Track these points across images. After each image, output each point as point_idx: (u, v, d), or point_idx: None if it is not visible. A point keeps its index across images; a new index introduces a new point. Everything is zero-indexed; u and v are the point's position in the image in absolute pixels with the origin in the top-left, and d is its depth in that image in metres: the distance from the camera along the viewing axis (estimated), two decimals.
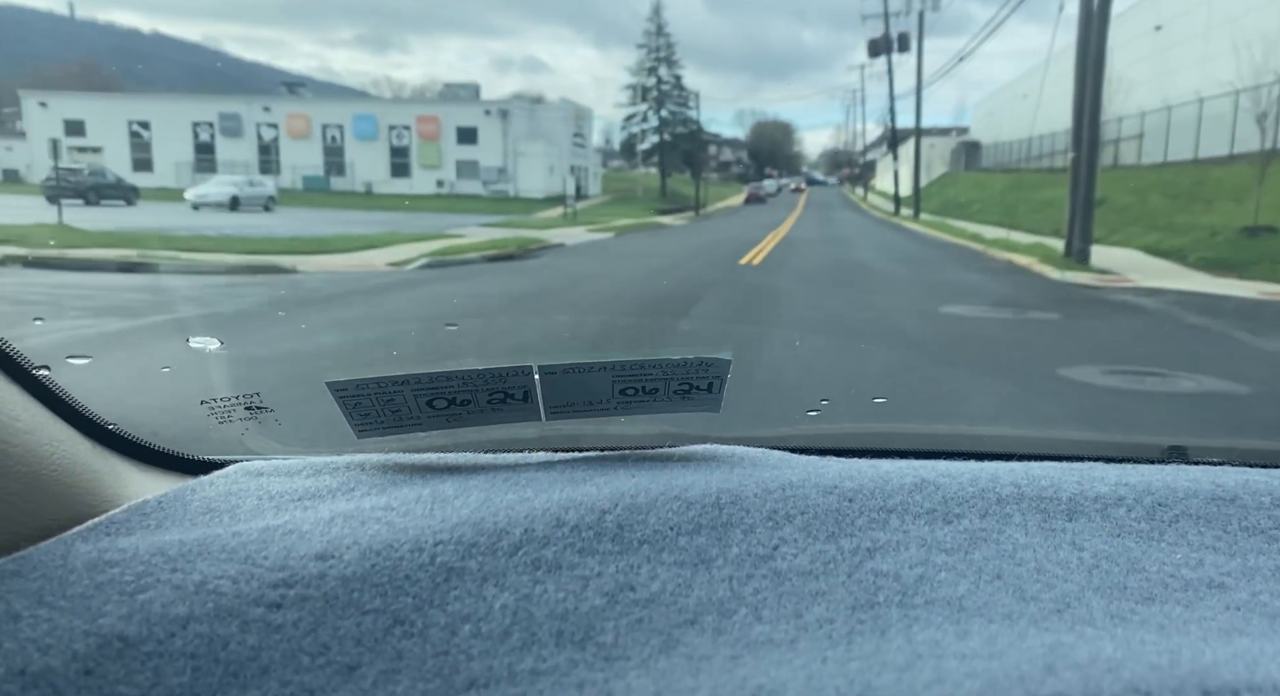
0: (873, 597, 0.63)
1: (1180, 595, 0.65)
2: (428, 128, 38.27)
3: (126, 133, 36.86)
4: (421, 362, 0.82)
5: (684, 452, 0.89)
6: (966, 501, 0.76)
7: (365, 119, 38.39)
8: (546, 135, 40.25)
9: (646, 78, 47.61)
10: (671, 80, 48.06)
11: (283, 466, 0.86)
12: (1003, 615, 0.61)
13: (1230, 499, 0.78)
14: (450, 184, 38.09)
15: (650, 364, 0.84)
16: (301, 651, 0.57)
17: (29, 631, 0.54)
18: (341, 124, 38.45)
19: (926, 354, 6.13)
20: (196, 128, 38.08)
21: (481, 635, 0.59)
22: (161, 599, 0.58)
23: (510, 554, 0.66)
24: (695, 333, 6.36)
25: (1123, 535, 0.73)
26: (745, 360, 5.05)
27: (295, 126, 38.37)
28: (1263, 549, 0.72)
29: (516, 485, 0.77)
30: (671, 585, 0.64)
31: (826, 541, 0.70)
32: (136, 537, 0.66)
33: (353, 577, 0.62)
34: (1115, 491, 0.78)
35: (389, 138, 38.41)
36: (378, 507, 0.72)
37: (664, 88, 48.01)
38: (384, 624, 0.59)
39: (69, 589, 0.58)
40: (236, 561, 0.62)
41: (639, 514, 0.71)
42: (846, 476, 0.79)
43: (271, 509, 0.75)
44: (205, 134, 38.30)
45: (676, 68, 47.56)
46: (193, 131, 38.04)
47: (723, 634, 0.60)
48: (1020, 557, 0.68)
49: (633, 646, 0.58)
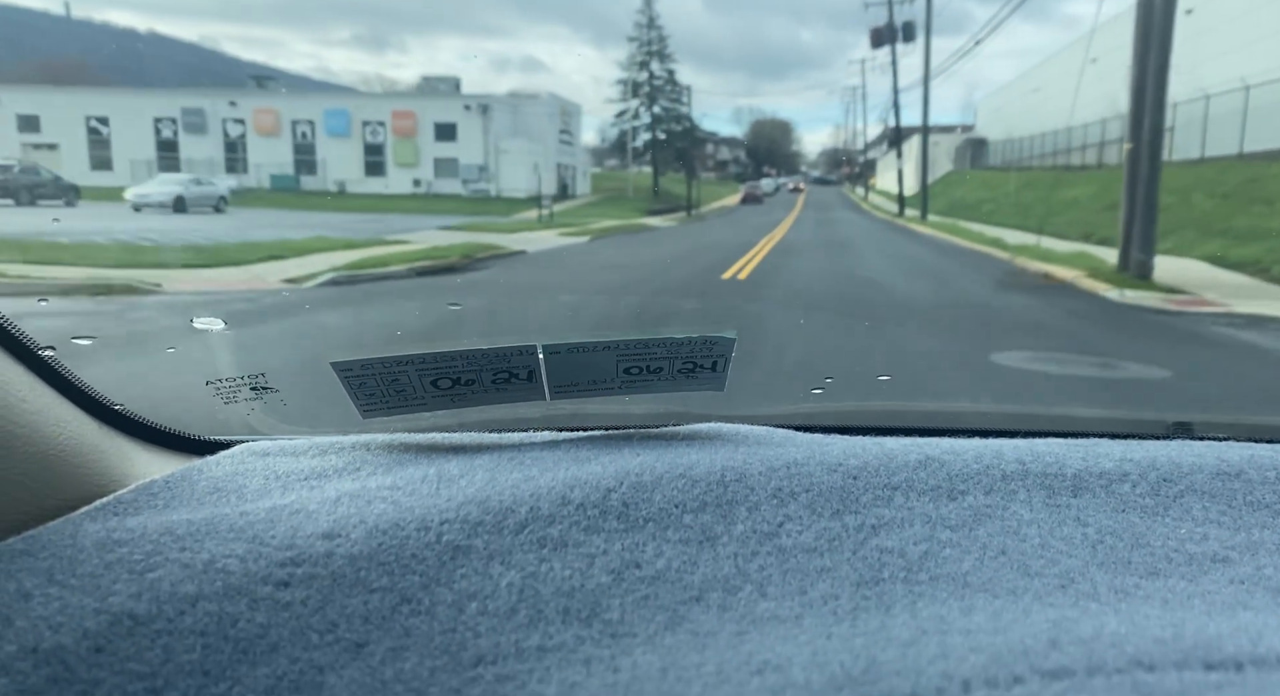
0: (877, 574, 0.63)
1: (1184, 569, 0.66)
2: (403, 123, 36.15)
3: (85, 129, 34.74)
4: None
5: (689, 431, 0.89)
6: (971, 478, 0.76)
7: (337, 114, 36.25)
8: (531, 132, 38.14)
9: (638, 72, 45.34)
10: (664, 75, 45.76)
11: (289, 446, 0.86)
12: (1007, 590, 0.61)
13: (1235, 474, 0.78)
14: (428, 183, 36.01)
15: (654, 343, 0.85)
16: (310, 629, 0.57)
17: (40, 609, 0.55)
18: (312, 119, 36.35)
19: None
20: (159, 124, 35.99)
21: (488, 612, 0.60)
22: (170, 577, 0.59)
23: (516, 532, 0.66)
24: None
25: (1127, 510, 0.73)
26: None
27: (263, 122, 36.24)
28: (1267, 523, 0.72)
29: (522, 464, 0.77)
30: (677, 562, 0.65)
31: (831, 518, 0.70)
32: (145, 517, 0.67)
33: (360, 556, 0.62)
34: (1120, 467, 0.78)
35: (363, 134, 36.30)
36: (384, 487, 0.73)
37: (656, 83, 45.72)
38: (391, 602, 0.60)
39: (79, 567, 0.59)
40: (244, 540, 0.63)
41: (644, 492, 0.71)
42: (851, 454, 0.79)
43: (278, 488, 0.75)
44: (168, 130, 36.20)
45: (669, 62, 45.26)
46: (154, 128, 35.96)
47: (728, 610, 0.60)
48: (1025, 533, 0.69)
49: (639, 623, 0.59)
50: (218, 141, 35.47)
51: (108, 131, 34.56)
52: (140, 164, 32.42)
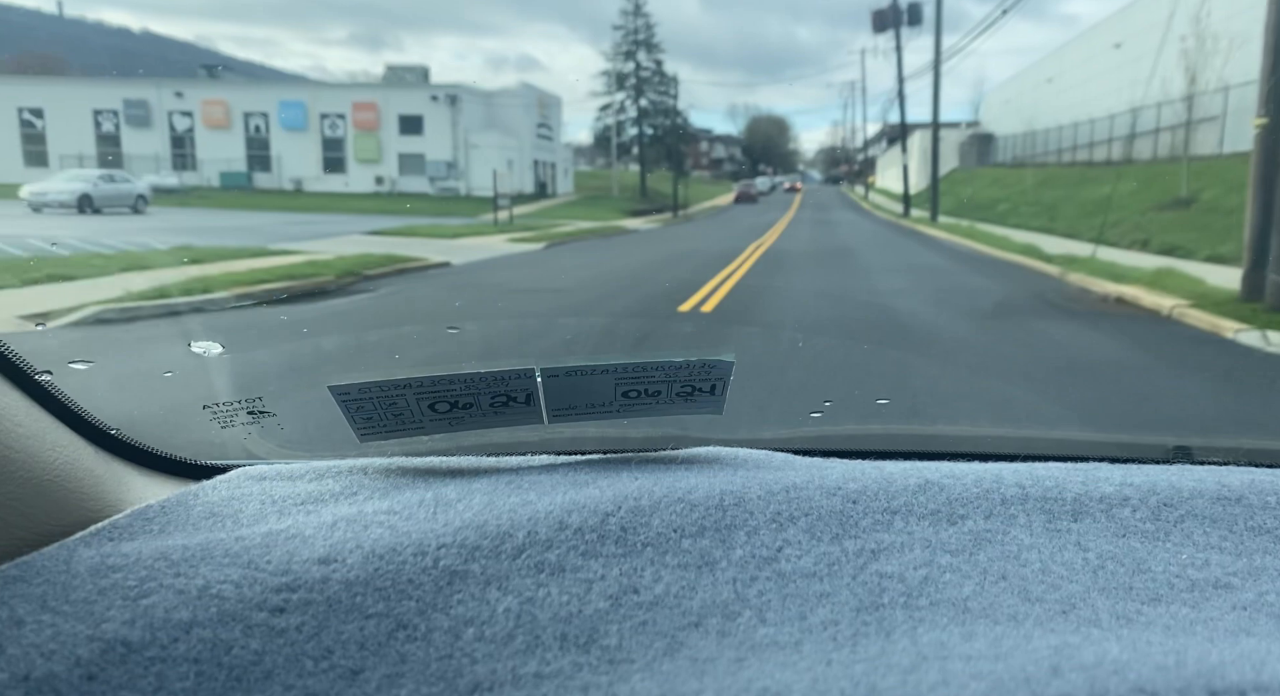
0: (877, 599, 0.63)
1: (1186, 595, 0.65)
2: (365, 116, 33.27)
3: (16, 121, 31.82)
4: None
5: (687, 455, 0.89)
6: (971, 502, 0.75)
7: (293, 106, 33.36)
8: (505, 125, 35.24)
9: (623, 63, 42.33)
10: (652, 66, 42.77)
11: (285, 470, 0.85)
12: (1008, 616, 0.61)
13: (1236, 499, 0.77)
14: (391, 181, 33.15)
15: (653, 366, 0.84)
16: (305, 656, 0.57)
17: (32, 636, 0.55)
18: (266, 112, 33.48)
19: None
20: (99, 116, 33.10)
21: (485, 638, 0.59)
22: (165, 603, 0.58)
23: (513, 557, 0.66)
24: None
25: (1128, 535, 0.72)
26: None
27: (213, 115, 33.35)
28: (1269, 549, 0.71)
29: (519, 488, 0.77)
30: (675, 587, 0.64)
31: (831, 543, 0.70)
32: (139, 542, 0.66)
33: (356, 581, 0.62)
34: (1120, 491, 0.78)
35: (321, 127, 33.44)
36: (380, 511, 0.72)
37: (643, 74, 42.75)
38: (387, 628, 0.59)
39: (72, 594, 0.59)
40: (239, 566, 0.62)
41: (642, 516, 0.71)
42: (850, 478, 0.79)
43: (274, 513, 0.75)
44: (109, 123, 33.32)
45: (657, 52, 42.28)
46: (94, 121, 33.05)
47: (727, 636, 0.60)
48: (1025, 558, 0.68)
49: (637, 649, 0.59)
50: (163, 135, 32.57)
51: (41, 124, 31.67)
52: (71, 159, 29.51)
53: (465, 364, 0.81)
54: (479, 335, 5.90)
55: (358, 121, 32.96)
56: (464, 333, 6.00)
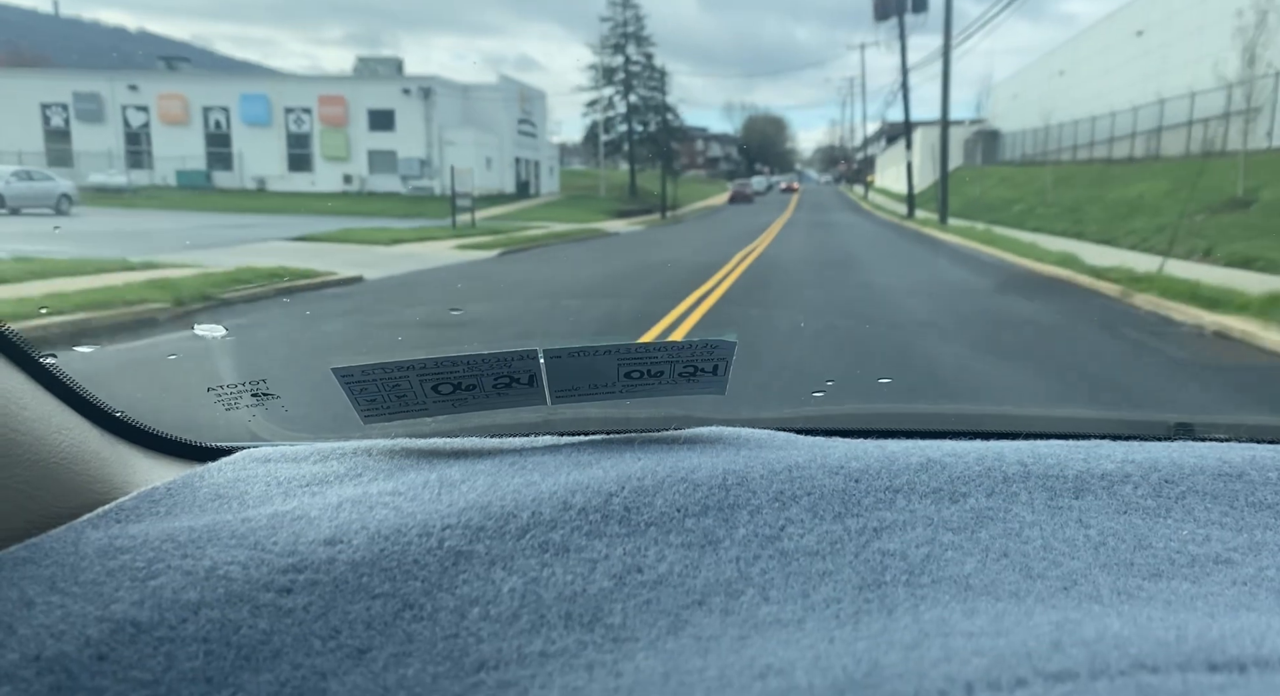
0: (880, 577, 0.64)
1: (1187, 571, 0.66)
2: (332, 110, 31.13)
3: None
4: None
5: (690, 435, 0.88)
6: (973, 480, 0.76)
7: (255, 99, 31.21)
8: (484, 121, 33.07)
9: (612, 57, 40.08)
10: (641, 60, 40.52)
11: (290, 452, 0.86)
12: (1009, 593, 0.61)
13: (1237, 475, 0.77)
14: (361, 180, 31.01)
15: (655, 347, 0.85)
16: (312, 635, 0.58)
17: (43, 617, 0.55)
18: (227, 106, 31.34)
19: None
20: (47, 110, 30.95)
21: (490, 618, 0.60)
22: (173, 584, 0.59)
23: (518, 537, 0.66)
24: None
25: (1129, 512, 0.73)
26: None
27: (169, 109, 31.19)
28: (1269, 524, 0.72)
29: (523, 469, 0.77)
30: (679, 566, 0.65)
31: (833, 521, 0.70)
32: (146, 524, 0.67)
33: (361, 562, 0.63)
34: (1122, 468, 0.78)
35: (285, 123, 31.32)
36: (385, 493, 0.73)
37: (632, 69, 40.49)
38: (393, 607, 0.60)
39: (81, 575, 0.59)
40: (246, 547, 0.63)
41: (645, 496, 0.71)
42: (852, 457, 0.79)
43: (280, 495, 0.75)
44: (58, 118, 31.17)
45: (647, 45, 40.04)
46: (42, 115, 30.86)
47: (730, 614, 0.60)
48: (1027, 535, 0.69)
49: (641, 627, 0.59)
50: (117, 131, 30.43)
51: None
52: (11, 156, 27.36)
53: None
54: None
55: (324, 116, 30.86)
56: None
